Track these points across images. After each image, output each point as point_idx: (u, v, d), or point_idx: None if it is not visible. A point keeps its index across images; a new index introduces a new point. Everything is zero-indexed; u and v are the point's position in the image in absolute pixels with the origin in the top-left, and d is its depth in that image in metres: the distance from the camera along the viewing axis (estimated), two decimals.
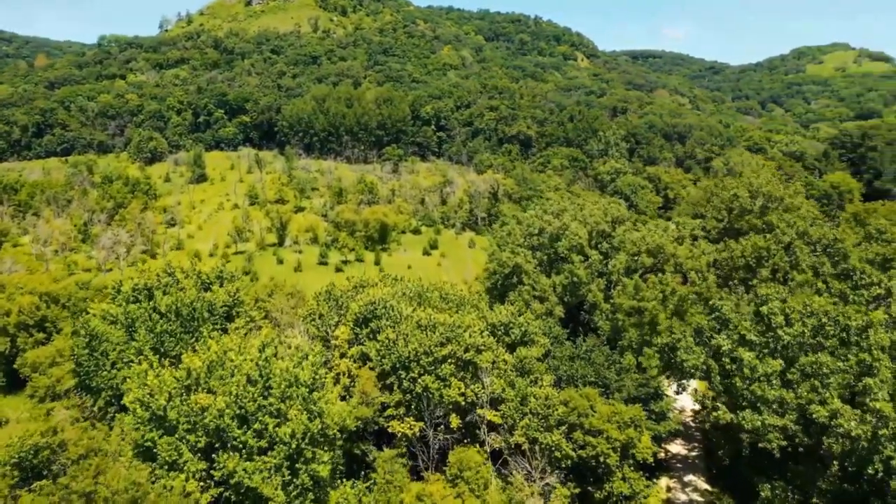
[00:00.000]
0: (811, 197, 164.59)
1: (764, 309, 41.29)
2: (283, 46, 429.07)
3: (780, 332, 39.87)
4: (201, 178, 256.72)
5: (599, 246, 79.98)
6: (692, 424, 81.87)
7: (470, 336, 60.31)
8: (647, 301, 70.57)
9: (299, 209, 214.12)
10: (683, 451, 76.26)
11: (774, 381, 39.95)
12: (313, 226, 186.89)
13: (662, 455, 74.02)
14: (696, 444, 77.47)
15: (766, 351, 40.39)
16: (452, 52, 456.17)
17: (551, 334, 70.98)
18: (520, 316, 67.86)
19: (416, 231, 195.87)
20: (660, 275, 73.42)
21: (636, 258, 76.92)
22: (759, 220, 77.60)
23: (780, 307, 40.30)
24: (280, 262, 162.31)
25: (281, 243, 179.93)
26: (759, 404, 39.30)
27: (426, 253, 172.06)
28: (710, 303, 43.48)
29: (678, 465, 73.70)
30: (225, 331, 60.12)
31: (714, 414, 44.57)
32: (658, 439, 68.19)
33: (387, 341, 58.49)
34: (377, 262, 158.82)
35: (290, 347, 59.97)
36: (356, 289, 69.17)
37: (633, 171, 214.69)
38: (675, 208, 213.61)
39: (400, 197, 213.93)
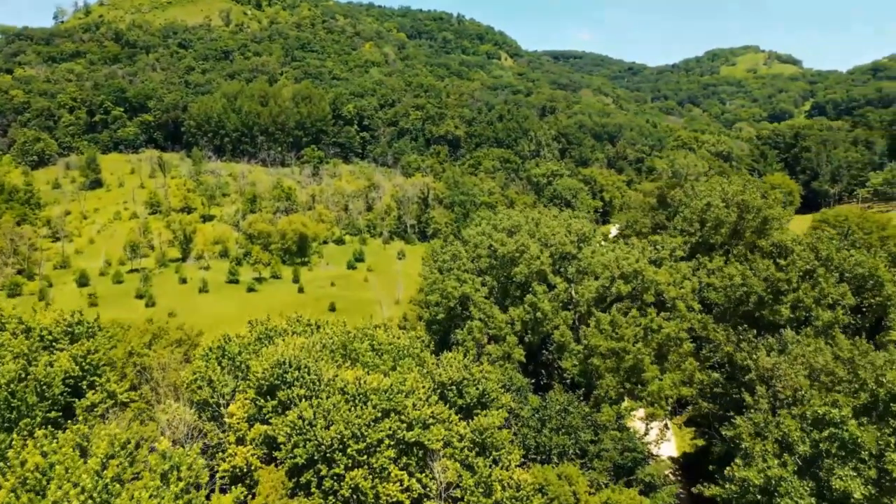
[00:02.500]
0: None
1: None
2: (192, 40, 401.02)
3: None
4: (96, 184, 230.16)
5: (564, 270, 66.28)
6: (671, 475, 69.46)
7: (414, 406, 45.11)
8: (628, 341, 57.46)
9: (207, 218, 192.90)
10: None
11: None
12: (223, 238, 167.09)
13: None
14: None
15: None
16: (374, 49, 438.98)
17: (512, 387, 56.71)
18: (474, 365, 53.12)
19: (340, 241, 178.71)
20: (643, 307, 60.50)
21: (609, 285, 63.70)
22: (764, 240, 65.90)
23: None
24: (183, 281, 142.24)
25: (185, 258, 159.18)
26: None
27: (351, 266, 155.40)
28: (829, 417, 29.45)
29: None
30: (70, 416, 42.59)
31: None
32: None
33: (300, 423, 42.47)
34: (296, 279, 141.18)
35: (162, 433, 43.41)
36: (260, 340, 52.68)
37: (568, 172, 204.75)
38: (613, 212, 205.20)
39: (321, 203, 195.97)
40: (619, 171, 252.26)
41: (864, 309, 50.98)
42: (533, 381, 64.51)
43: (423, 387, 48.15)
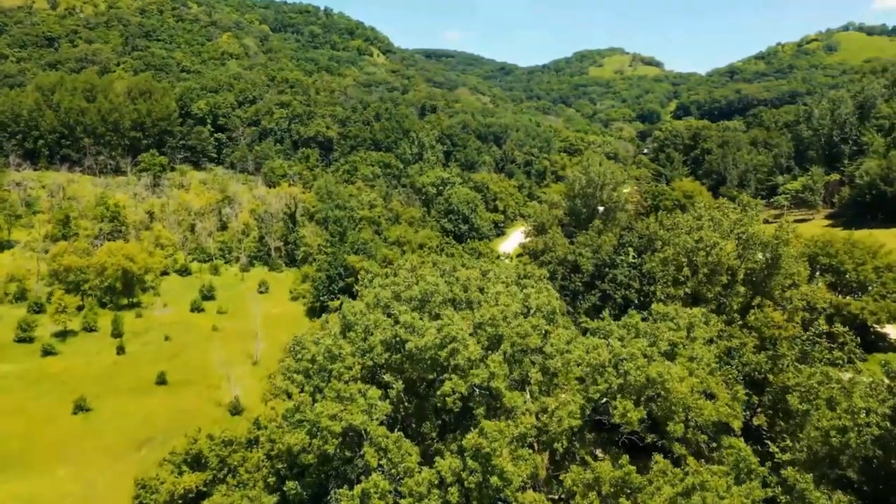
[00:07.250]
0: (663, 209, 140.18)
1: None
2: (8, 24, 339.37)
3: None
4: None
5: (526, 376, 39.31)
6: None
7: None
8: None
9: (6, 246, 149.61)
10: None
11: None
12: (20, 275, 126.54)
13: None
14: None
15: None
16: (233, 41, 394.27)
17: None
18: None
19: (185, 271, 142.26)
20: (666, 442, 34.91)
21: (600, 399, 37.54)
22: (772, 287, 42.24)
23: None
24: None
25: None
26: None
27: (197, 308, 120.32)
28: None
29: None
30: None
31: None
32: None
33: None
34: (117, 333, 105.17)
35: None
36: None
37: (459, 179, 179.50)
38: (507, 223, 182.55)
39: (161, 222, 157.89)
40: (510, 176, 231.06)
41: None
42: None
43: None
